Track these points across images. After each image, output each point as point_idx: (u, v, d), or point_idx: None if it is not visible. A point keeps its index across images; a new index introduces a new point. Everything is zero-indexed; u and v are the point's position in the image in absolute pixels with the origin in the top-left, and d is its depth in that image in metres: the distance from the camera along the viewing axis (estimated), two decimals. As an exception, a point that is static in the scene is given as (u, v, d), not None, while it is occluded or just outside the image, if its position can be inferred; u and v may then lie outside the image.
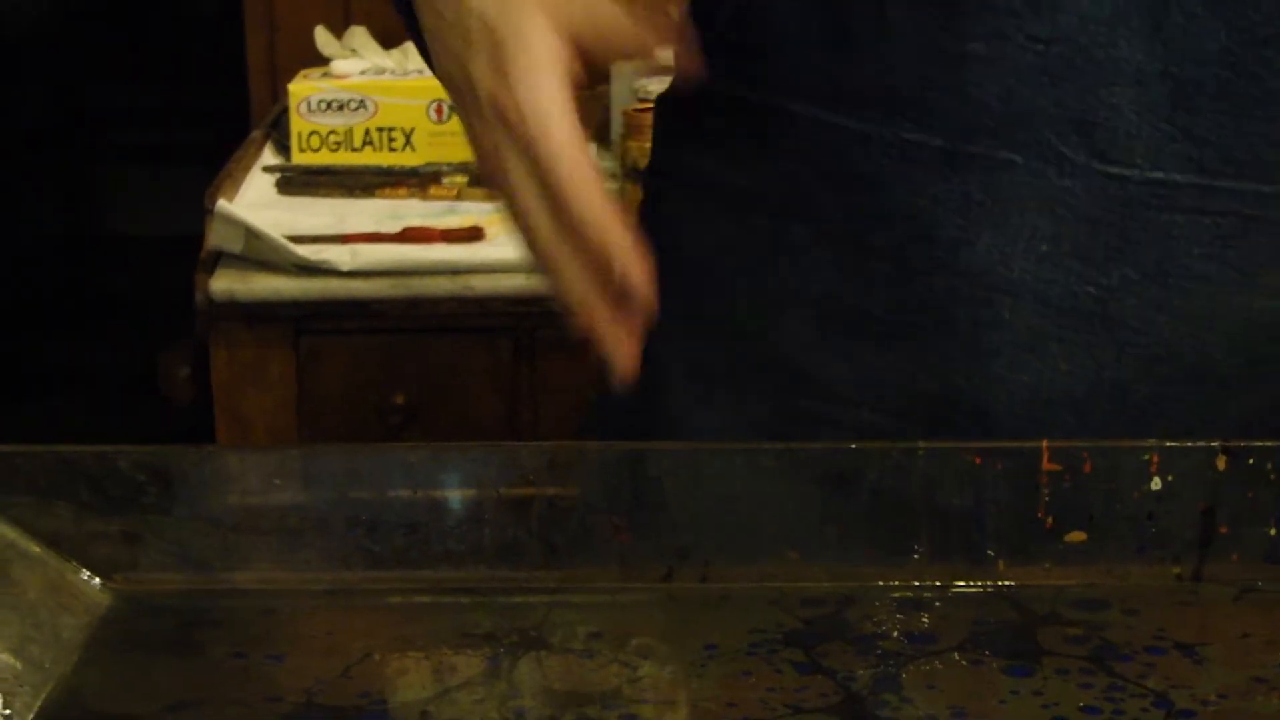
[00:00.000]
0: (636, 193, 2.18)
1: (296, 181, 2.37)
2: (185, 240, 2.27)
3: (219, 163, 2.40)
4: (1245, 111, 1.09)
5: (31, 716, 0.86)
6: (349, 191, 2.34)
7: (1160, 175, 1.09)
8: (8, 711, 0.85)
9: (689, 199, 1.22)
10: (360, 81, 2.44)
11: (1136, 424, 1.07)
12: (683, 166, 1.24)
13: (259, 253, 2.13)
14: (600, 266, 0.96)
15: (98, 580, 0.95)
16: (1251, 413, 1.13)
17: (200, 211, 2.19)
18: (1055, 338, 1.11)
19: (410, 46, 2.53)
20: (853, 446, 0.98)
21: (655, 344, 1.22)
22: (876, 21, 1.10)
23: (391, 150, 2.41)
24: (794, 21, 1.14)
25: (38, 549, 0.94)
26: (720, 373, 1.20)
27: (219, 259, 2.15)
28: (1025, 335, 1.11)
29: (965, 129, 1.10)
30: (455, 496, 0.97)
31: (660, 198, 1.26)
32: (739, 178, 1.19)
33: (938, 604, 0.96)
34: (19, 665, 0.88)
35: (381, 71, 2.49)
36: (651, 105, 2.22)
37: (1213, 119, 1.09)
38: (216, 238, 2.16)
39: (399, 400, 2.16)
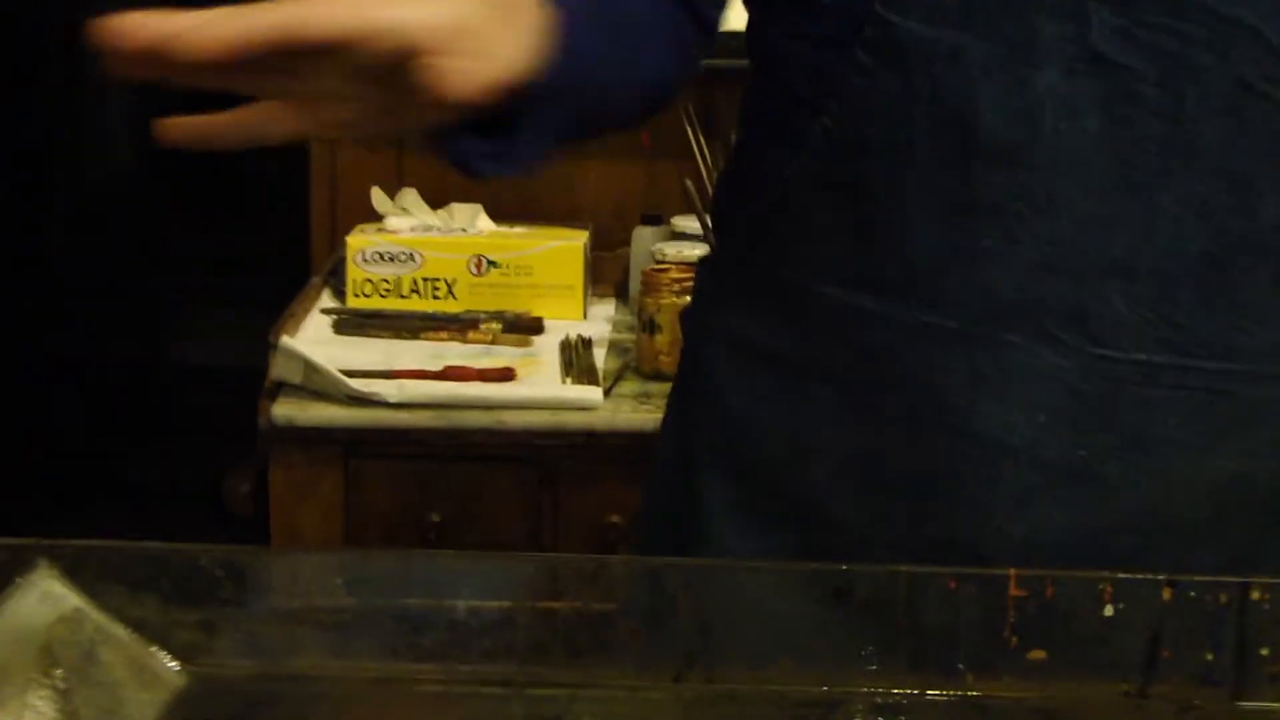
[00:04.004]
0: (650, 342, 2.21)
1: (351, 323, 2.39)
2: (250, 373, 2.28)
3: (282, 305, 2.42)
4: (1217, 302, 1.11)
5: (113, 781, 0.86)
6: (397, 333, 2.35)
7: (1143, 357, 1.10)
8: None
9: (726, 354, 1.23)
10: (410, 237, 2.46)
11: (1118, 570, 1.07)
12: (720, 325, 1.25)
13: (316, 384, 2.14)
14: None
15: (176, 663, 0.96)
16: (1217, 562, 1.12)
17: (265, 347, 2.21)
18: (1048, 495, 1.12)
19: (455, 207, 2.56)
20: (844, 568, 0.99)
21: (698, 480, 1.24)
22: (900, 221, 1.11)
23: (435, 298, 2.43)
24: (824, 215, 1.15)
25: (124, 634, 0.95)
26: (754, 509, 1.21)
27: (280, 389, 2.16)
28: (1022, 492, 1.12)
29: (976, 313, 1.11)
30: (492, 600, 0.98)
31: (701, 350, 1.27)
32: (770, 340, 1.20)
33: (914, 710, 0.96)
34: (103, 736, 0.89)
35: (429, 228, 2.51)
36: (665, 268, 2.25)
37: (1190, 308, 1.10)
38: (279, 369, 2.17)
39: (435, 519, 2.16)
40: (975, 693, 0.97)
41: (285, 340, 2.19)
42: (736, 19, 1.20)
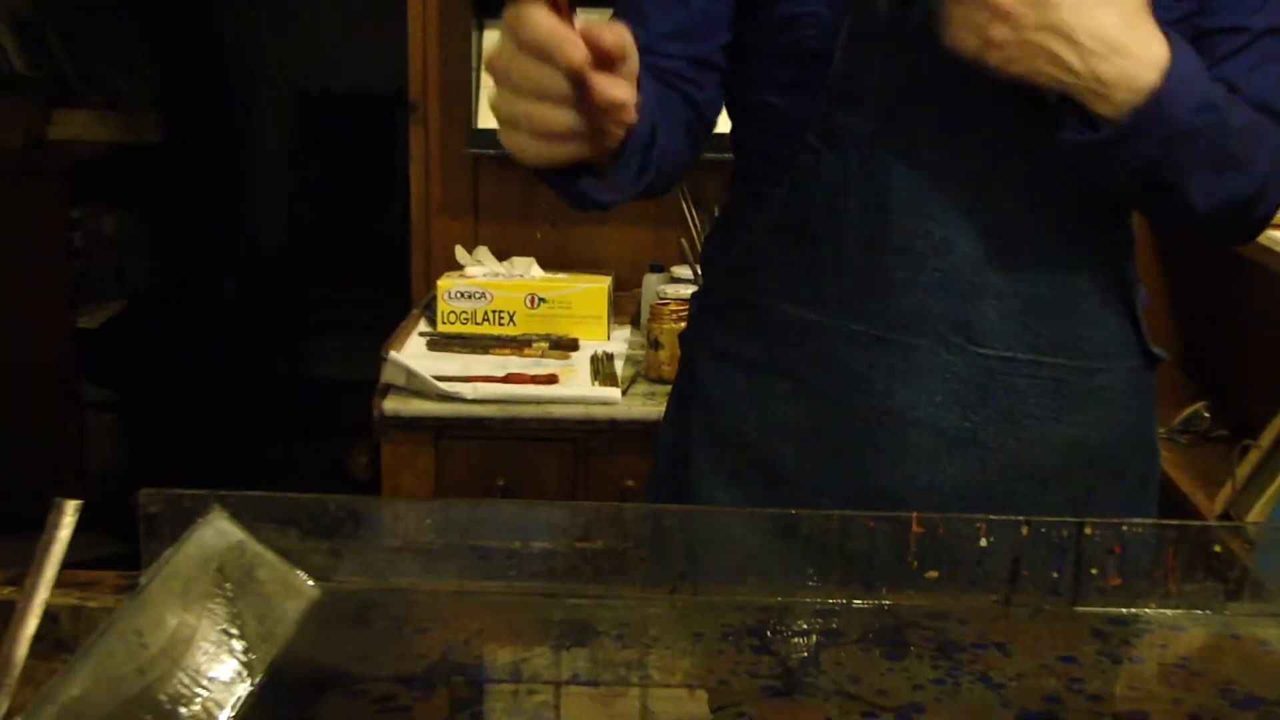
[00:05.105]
0: (655, 356, 2.21)
1: (440, 343, 2.38)
2: (366, 383, 2.27)
3: (391, 331, 2.41)
4: (1065, 314, 1.12)
5: (267, 664, 0.87)
6: (473, 350, 2.35)
7: (1010, 354, 1.12)
8: (254, 656, 0.86)
9: (710, 360, 1.24)
10: (483, 280, 2.45)
11: (996, 508, 1.06)
12: (706, 338, 1.25)
13: (415, 386, 2.14)
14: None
15: (311, 580, 0.96)
16: (1065, 501, 1.15)
17: (378, 362, 2.21)
18: (945, 454, 1.13)
19: (515, 259, 2.55)
20: (793, 512, 0.99)
21: (690, 453, 1.24)
22: (836, 258, 1.13)
23: (500, 325, 2.43)
24: (782, 254, 1.16)
25: (274, 558, 0.95)
26: (732, 472, 1.21)
27: (389, 389, 2.16)
28: (926, 453, 1.13)
29: (891, 324, 1.12)
30: (539, 535, 0.98)
31: (692, 358, 1.28)
32: (742, 348, 1.20)
33: (843, 614, 0.97)
34: (260, 632, 0.89)
35: (496, 274, 2.50)
36: (666, 302, 2.24)
37: (1044, 318, 1.12)
38: (388, 375, 2.17)
39: (500, 483, 2.16)
40: (887, 602, 0.98)
41: (393, 354, 2.19)
42: (723, 124, 1.21)
